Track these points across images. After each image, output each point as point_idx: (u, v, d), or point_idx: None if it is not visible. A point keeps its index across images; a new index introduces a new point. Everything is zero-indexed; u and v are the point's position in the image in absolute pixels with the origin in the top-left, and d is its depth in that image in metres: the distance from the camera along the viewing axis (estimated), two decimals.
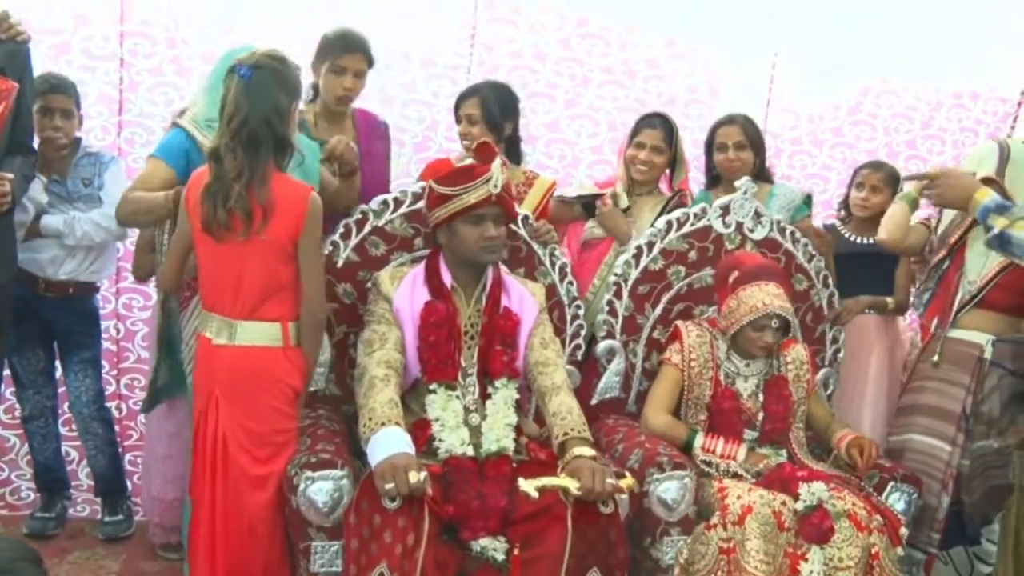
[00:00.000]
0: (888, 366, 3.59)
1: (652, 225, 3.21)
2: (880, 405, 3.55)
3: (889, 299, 3.55)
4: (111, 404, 3.66)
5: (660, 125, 3.38)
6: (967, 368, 2.95)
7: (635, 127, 3.42)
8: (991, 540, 3.07)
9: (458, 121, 3.37)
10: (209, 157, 2.44)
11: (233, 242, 2.41)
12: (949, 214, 3.10)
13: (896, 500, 2.85)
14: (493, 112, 3.27)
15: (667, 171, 3.46)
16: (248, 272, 2.44)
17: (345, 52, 3.11)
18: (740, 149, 3.49)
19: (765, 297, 2.87)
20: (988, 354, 2.90)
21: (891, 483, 2.86)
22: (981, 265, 2.96)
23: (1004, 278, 2.91)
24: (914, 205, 3.13)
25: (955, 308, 2.99)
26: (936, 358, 3.03)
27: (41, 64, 3.28)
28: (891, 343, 3.63)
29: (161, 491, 3.26)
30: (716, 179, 3.64)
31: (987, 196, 2.72)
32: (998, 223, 2.66)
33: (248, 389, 2.45)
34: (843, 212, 3.78)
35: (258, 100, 2.39)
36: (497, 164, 2.65)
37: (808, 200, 3.60)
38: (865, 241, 3.61)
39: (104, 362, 3.65)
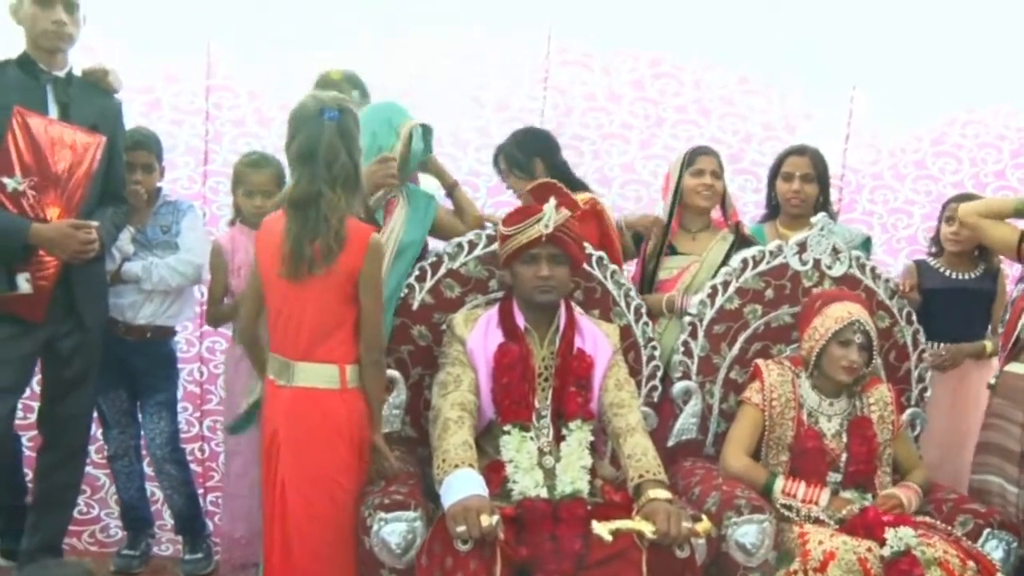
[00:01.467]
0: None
1: (725, 261, 3.20)
2: None
3: (987, 343, 3.44)
4: (194, 446, 3.76)
5: (714, 153, 3.40)
6: (1022, 405, 2.86)
7: (689, 157, 3.37)
8: None
9: None
10: (292, 203, 2.46)
11: (301, 281, 2.45)
12: None
13: (993, 548, 2.70)
14: (518, 159, 3.36)
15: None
16: (309, 311, 2.47)
17: None
18: (807, 181, 3.43)
19: (850, 308, 2.86)
20: None
21: (987, 530, 2.72)
22: None
23: None
24: (1019, 211, 3.05)
25: (1017, 335, 2.93)
26: (992, 381, 2.99)
27: (134, 120, 3.45)
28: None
29: (229, 528, 3.35)
30: (774, 212, 3.58)
31: None
32: None
33: (305, 431, 2.47)
34: (934, 248, 3.67)
35: (348, 141, 2.48)
36: (550, 204, 2.67)
37: (867, 243, 3.51)
38: (958, 276, 3.50)
39: (187, 404, 3.76)
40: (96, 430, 3.42)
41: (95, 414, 3.30)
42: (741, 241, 3.33)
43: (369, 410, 2.54)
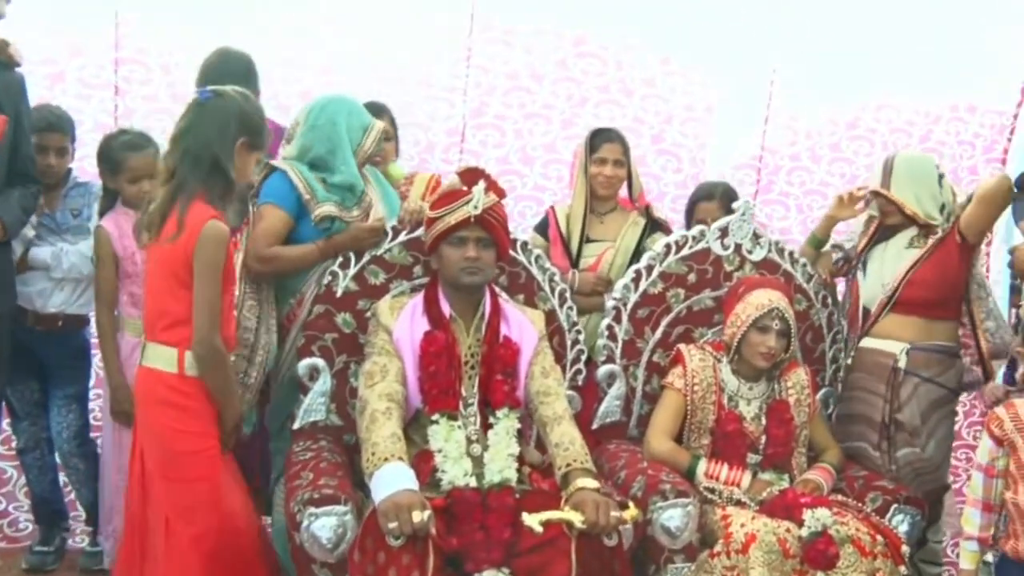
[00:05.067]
0: None
1: (638, 246, 3.34)
2: None
3: None
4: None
5: (618, 138, 3.42)
6: (882, 378, 3.07)
7: (592, 143, 3.40)
8: (936, 541, 3.20)
9: None
10: (161, 177, 2.50)
11: (146, 251, 2.51)
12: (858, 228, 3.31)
13: (900, 522, 2.83)
14: None
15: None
16: (149, 286, 2.52)
17: None
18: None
19: (771, 295, 2.92)
20: (902, 363, 3.04)
21: (894, 505, 2.85)
22: (892, 268, 3.08)
23: (915, 274, 3.03)
24: (818, 245, 3.33)
25: (863, 314, 3.16)
26: (849, 362, 3.22)
27: (37, 94, 3.28)
28: None
29: (118, 523, 3.20)
30: None
31: None
32: None
33: (147, 411, 2.50)
34: None
35: (208, 123, 2.44)
36: (479, 187, 2.68)
37: None
38: None
39: (101, 391, 3.63)
40: (3, 421, 3.29)
41: (2, 405, 3.17)
42: (652, 225, 3.42)
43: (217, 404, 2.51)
